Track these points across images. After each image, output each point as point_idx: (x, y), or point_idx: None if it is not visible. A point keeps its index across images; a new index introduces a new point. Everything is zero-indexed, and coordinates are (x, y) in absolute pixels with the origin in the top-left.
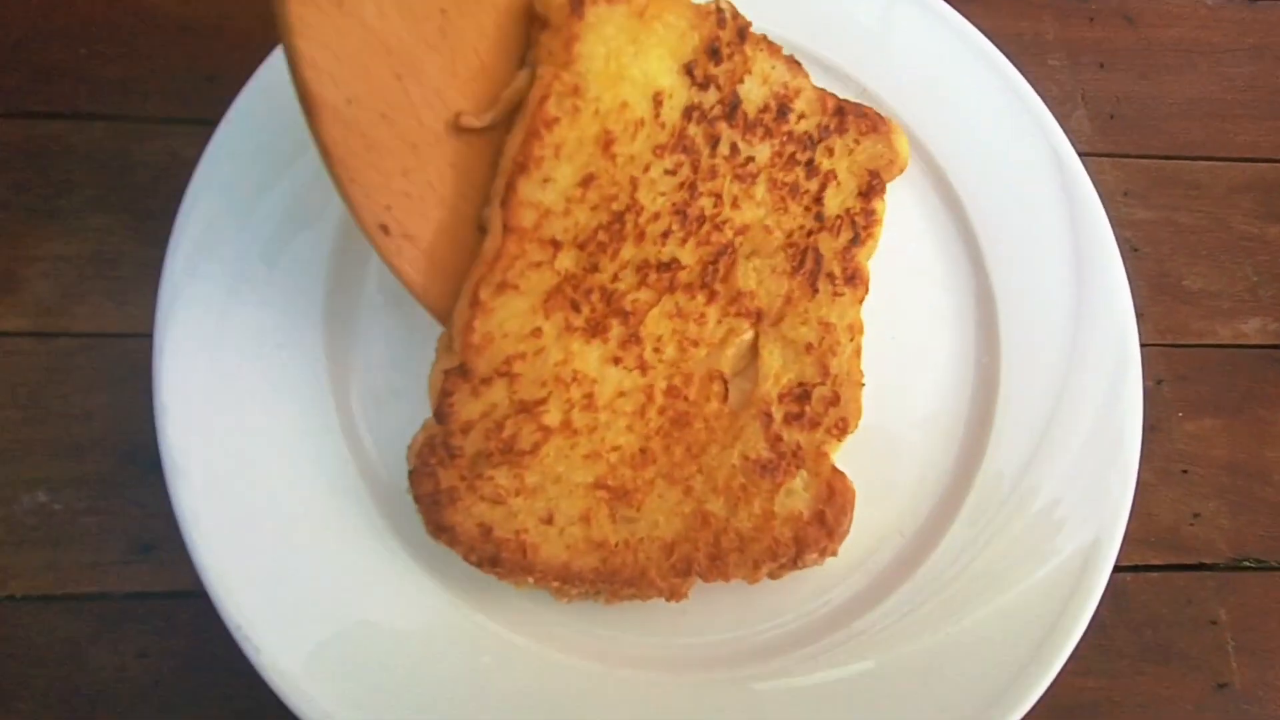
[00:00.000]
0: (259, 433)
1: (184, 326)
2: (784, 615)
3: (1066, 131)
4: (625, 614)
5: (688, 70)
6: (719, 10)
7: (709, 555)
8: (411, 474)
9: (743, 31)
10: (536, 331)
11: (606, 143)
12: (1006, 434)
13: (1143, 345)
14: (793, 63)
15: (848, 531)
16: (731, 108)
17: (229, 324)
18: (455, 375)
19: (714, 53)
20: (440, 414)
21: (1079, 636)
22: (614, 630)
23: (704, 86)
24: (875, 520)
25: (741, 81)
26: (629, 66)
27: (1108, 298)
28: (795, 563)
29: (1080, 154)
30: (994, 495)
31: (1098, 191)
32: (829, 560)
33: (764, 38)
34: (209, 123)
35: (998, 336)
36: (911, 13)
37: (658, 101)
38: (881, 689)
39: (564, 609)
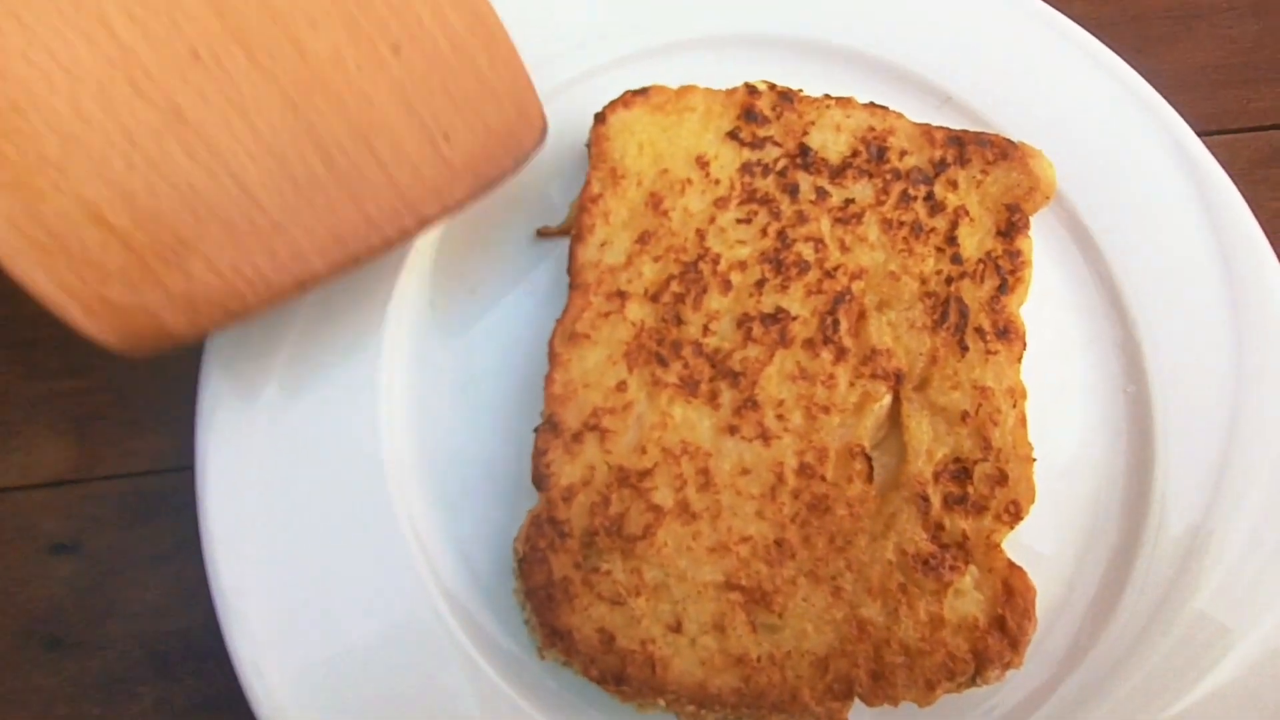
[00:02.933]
0: (321, 559)
1: (227, 442)
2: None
3: None
4: None
5: (733, 135)
6: (748, 86)
7: (871, 673)
8: (521, 563)
9: (786, 95)
10: (621, 385)
11: (655, 202)
12: (1173, 472)
13: None
14: (876, 107)
15: (1031, 639)
16: (803, 157)
17: (278, 432)
18: (546, 431)
19: (754, 117)
20: (538, 477)
21: None
22: None
23: (757, 146)
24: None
25: (806, 134)
26: (665, 149)
27: (1267, 307)
28: (974, 680)
29: None
30: (1173, 548)
31: None
32: None
33: (826, 95)
34: None
35: (1142, 359)
36: (1021, 25)
37: (702, 163)
38: None
39: None
